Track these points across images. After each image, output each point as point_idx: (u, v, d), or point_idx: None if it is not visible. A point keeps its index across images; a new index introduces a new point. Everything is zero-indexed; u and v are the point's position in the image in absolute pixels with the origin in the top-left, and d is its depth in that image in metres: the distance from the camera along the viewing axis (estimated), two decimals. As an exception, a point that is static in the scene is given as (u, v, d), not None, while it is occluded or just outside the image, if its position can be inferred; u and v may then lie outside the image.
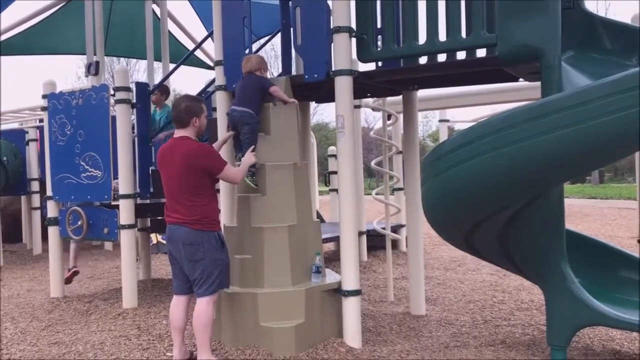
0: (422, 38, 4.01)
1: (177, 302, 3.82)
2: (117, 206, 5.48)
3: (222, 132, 4.49)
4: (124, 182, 5.40)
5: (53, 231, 5.93)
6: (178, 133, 3.79)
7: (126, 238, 5.44)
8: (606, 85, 3.06)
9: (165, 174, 3.77)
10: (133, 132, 5.65)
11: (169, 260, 3.85)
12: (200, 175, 3.69)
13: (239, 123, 4.24)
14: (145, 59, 8.47)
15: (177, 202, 3.70)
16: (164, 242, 9.15)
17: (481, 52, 4.10)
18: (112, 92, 5.62)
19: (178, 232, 3.68)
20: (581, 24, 4.02)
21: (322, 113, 41.62)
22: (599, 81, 3.12)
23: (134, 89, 5.75)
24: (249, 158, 4.10)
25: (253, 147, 4.18)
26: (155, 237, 9.03)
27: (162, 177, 3.82)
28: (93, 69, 6.58)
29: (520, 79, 4.45)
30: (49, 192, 5.92)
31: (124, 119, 5.44)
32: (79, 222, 5.64)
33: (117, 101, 5.43)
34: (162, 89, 6.34)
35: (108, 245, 9.69)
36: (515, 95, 8.06)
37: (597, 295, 3.56)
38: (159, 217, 6.57)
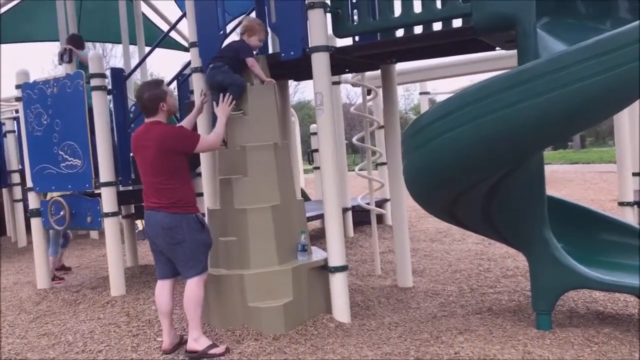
0: (398, 10, 3.99)
1: (162, 287, 3.82)
2: (100, 194, 5.43)
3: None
4: (105, 170, 5.34)
5: (36, 223, 5.87)
6: (149, 119, 3.75)
7: (110, 226, 5.40)
8: (581, 50, 3.07)
9: (140, 159, 3.75)
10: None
11: (150, 246, 3.84)
12: (174, 158, 3.65)
13: (226, 83, 4.16)
14: (120, 42, 8.35)
15: (152, 186, 3.68)
16: (150, 228, 9.12)
17: (457, 23, 4.09)
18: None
19: (156, 217, 3.66)
20: (555, -11, 4.00)
21: (303, 91, 41.33)
22: (574, 46, 3.12)
23: (109, 75, 5.67)
24: (222, 111, 4.00)
25: (230, 97, 4.08)
26: (140, 224, 8.98)
27: (137, 163, 3.80)
28: (67, 57, 6.46)
29: (497, 48, 4.45)
30: (29, 184, 5.85)
31: (100, 106, 5.36)
32: (62, 213, 5.59)
33: (93, 88, 5.34)
34: None
35: (94, 234, 9.63)
36: (494, 64, 8.07)
37: (579, 259, 3.62)
38: (143, 204, 6.54)
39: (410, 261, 5.15)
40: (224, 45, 4.41)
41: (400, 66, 5.15)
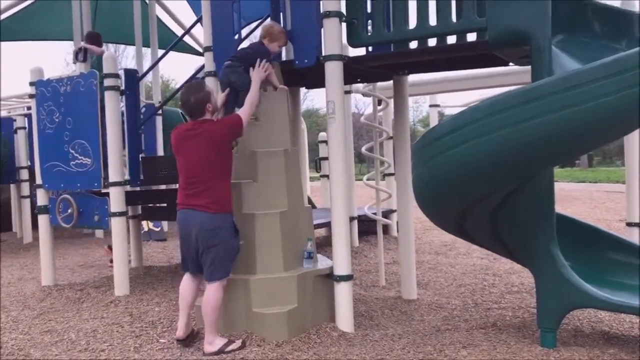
0: (413, 22, 4.00)
1: (188, 280, 3.93)
2: (108, 194, 5.45)
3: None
4: (114, 170, 5.37)
5: (43, 219, 5.90)
6: (196, 119, 3.85)
7: (117, 225, 5.42)
8: (596, 69, 3.07)
9: (185, 156, 3.81)
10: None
11: (180, 243, 3.90)
12: (226, 152, 3.81)
13: (226, 80, 4.22)
14: (134, 44, 8.40)
15: (196, 183, 3.74)
16: (156, 229, 9.15)
17: (471, 37, 4.10)
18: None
19: (196, 217, 3.72)
20: (571, 8, 4.01)
21: (312, 99, 41.49)
22: (588, 65, 3.13)
23: (123, 76, 5.71)
24: (257, 75, 4.09)
25: (265, 63, 4.17)
26: (146, 225, 9.01)
27: (178, 162, 3.86)
28: (81, 56, 6.51)
29: (510, 63, 4.45)
30: (38, 181, 5.88)
31: (113, 106, 5.40)
32: (69, 210, 5.61)
33: (106, 88, 5.38)
34: None
35: (99, 233, 9.66)
36: (505, 79, 8.07)
37: (586, 278, 3.60)
38: (150, 205, 6.57)
39: (415, 273, 5.13)
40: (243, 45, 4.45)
41: (410, 78, 5.17)
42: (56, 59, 51.32)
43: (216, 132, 3.77)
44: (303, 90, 6.65)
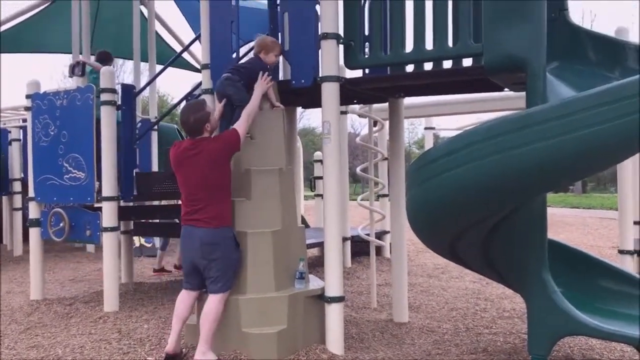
0: (410, 46, 4.03)
1: (186, 295, 3.97)
2: (100, 208, 5.42)
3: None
4: (108, 184, 5.35)
5: (34, 232, 5.85)
6: (194, 137, 3.92)
7: (109, 240, 5.38)
8: (590, 97, 3.09)
9: (185, 173, 3.89)
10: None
11: (182, 257, 4.01)
12: (225, 169, 3.89)
13: (223, 93, 4.24)
14: (132, 59, 8.43)
15: (196, 200, 3.84)
16: (147, 245, 9.10)
17: (467, 61, 4.14)
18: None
19: (197, 232, 3.82)
20: (566, 36, 4.06)
21: (308, 118, 41.74)
22: (583, 93, 3.15)
23: (120, 91, 5.72)
24: (260, 87, 4.16)
25: (268, 76, 4.22)
26: (138, 240, 8.96)
27: (178, 179, 3.93)
28: (79, 70, 6.52)
29: (505, 89, 4.49)
30: (31, 193, 5.85)
31: (108, 121, 5.40)
32: (61, 224, 5.58)
33: (103, 103, 5.39)
34: None
35: (90, 248, 9.59)
36: (500, 104, 8.13)
37: (577, 305, 3.59)
38: (143, 220, 6.54)
39: (407, 296, 5.11)
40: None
41: (406, 100, 5.20)
42: (53, 71, 51.47)
43: (214, 151, 3.84)
44: (299, 109, 6.68)
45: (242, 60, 4.63)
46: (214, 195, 3.84)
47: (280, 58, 4.60)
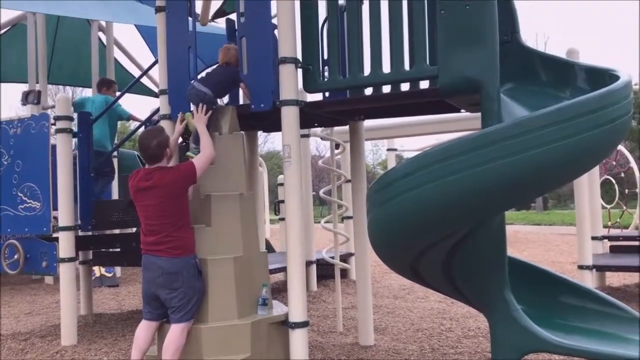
0: (367, 69, 4.07)
1: (146, 326, 3.87)
2: (57, 238, 5.27)
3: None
4: (64, 214, 5.21)
5: (-13, 266, 5.65)
6: (152, 165, 3.86)
7: (66, 272, 5.24)
8: (543, 116, 3.16)
9: (142, 204, 3.83)
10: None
11: (143, 290, 3.89)
12: (180, 200, 3.83)
13: (194, 100, 4.22)
14: (90, 87, 8.32)
15: (155, 230, 3.77)
16: (108, 275, 8.87)
17: (424, 84, 4.19)
18: (53, 121, 5.46)
19: (156, 262, 3.74)
20: (519, 57, 4.15)
21: (273, 141, 41.64)
22: (536, 112, 3.22)
23: (76, 118, 5.61)
24: (200, 121, 4.09)
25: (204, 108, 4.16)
26: (98, 270, 8.73)
27: (137, 209, 3.87)
28: (34, 97, 6.40)
29: (462, 110, 4.56)
30: (-17, 225, 5.65)
31: (64, 149, 5.29)
32: (16, 256, 5.40)
33: (58, 130, 5.28)
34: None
35: (48, 279, 9.29)
36: (458, 125, 8.27)
37: (539, 321, 3.62)
38: (102, 250, 6.38)
39: (373, 318, 5.08)
40: (207, 72, 4.54)
41: (368, 122, 5.25)
42: (10, 99, 50.30)
43: (169, 183, 3.80)
44: (264, 133, 6.66)
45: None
46: (172, 225, 3.79)
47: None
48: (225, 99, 4.83)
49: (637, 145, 21.11)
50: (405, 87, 4.24)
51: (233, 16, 4.87)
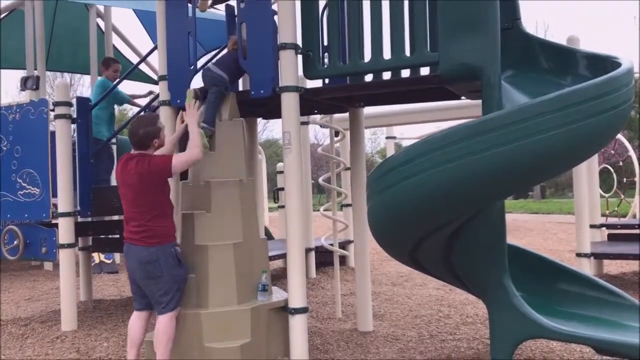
0: (368, 56, 4.06)
1: (137, 317, 3.84)
2: (57, 224, 5.28)
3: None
4: (64, 200, 5.21)
5: (-13, 252, 5.65)
6: (136, 152, 3.80)
7: (65, 258, 5.25)
8: (543, 104, 3.16)
9: (122, 190, 3.79)
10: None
11: (128, 276, 3.86)
12: (154, 191, 3.72)
13: (209, 83, 4.24)
14: (89, 74, 8.27)
15: (132, 218, 3.72)
16: (107, 261, 8.89)
17: (425, 71, 4.18)
18: (52, 107, 5.44)
19: (134, 250, 3.69)
20: (520, 44, 4.14)
21: (272, 129, 41.51)
22: (536, 99, 3.22)
23: (75, 104, 5.59)
24: (191, 118, 3.99)
25: (198, 104, 4.14)
26: (97, 257, 8.75)
27: (119, 194, 3.83)
28: (32, 83, 6.36)
29: (462, 97, 4.55)
30: (-17, 211, 5.66)
31: (63, 135, 5.28)
32: (15, 242, 5.41)
33: (57, 116, 5.27)
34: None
35: (48, 266, 9.32)
36: (459, 112, 8.27)
37: (538, 308, 3.64)
38: (102, 236, 6.39)
39: (371, 305, 5.11)
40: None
41: (368, 110, 5.23)
42: (8, 84, 50.14)
43: (142, 173, 3.68)
44: (263, 120, 6.66)
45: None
46: (147, 215, 3.69)
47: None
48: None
49: (636, 135, 21.09)
50: (405, 73, 4.23)
51: (233, 2, 4.84)
